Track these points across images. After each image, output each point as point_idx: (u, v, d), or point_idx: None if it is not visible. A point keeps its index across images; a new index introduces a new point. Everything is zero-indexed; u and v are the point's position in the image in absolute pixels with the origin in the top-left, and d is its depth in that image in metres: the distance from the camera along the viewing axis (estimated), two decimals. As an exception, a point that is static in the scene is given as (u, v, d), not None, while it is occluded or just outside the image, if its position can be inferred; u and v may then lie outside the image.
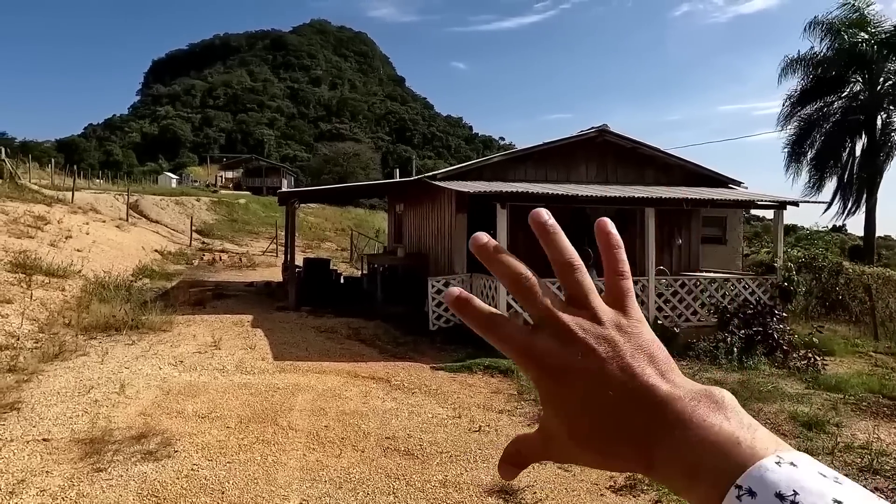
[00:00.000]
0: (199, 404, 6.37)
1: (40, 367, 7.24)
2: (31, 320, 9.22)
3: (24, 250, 12.87)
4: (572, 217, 12.84)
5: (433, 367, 8.53)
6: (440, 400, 7.05)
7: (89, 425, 5.56)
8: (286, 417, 6.12)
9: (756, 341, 10.04)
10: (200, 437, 5.44)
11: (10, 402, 5.96)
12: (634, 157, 13.15)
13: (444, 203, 12.59)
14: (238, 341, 9.52)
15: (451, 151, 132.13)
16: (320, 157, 73.83)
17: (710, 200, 11.31)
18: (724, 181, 13.61)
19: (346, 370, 8.13)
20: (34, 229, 15.59)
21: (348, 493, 4.57)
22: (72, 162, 49.51)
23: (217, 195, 46.91)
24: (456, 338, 10.29)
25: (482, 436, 5.89)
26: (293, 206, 16.30)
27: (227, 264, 23.23)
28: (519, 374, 8.00)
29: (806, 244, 21.10)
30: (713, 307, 10.86)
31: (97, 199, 27.54)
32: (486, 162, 12.63)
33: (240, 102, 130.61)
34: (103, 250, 17.68)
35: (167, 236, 28.17)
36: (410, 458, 5.28)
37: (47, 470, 4.64)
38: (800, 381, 8.56)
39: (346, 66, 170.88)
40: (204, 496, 4.39)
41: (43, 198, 21.13)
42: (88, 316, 9.82)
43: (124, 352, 8.43)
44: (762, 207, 12.21)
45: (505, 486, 4.67)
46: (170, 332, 9.88)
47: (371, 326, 11.07)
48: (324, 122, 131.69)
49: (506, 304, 9.71)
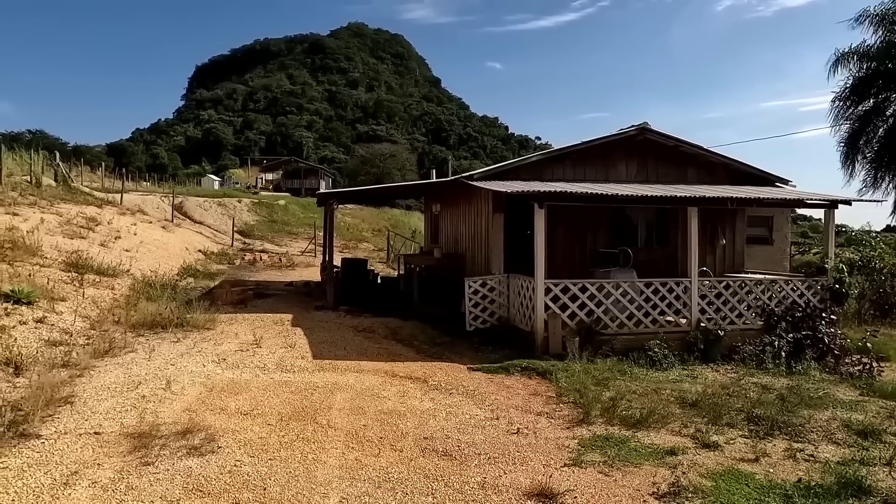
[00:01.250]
0: (242, 401, 6.50)
1: (92, 363, 7.51)
2: (84, 318, 9.58)
3: (77, 250, 13.39)
4: (612, 217, 12.68)
5: (470, 368, 8.50)
6: (478, 401, 7.02)
7: (137, 420, 5.74)
8: (325, 416, 6.19)
9: (805, 345, 9.67)
10: (243, 434, 5.55)
11: (64, 396, 6.19)
12: (676, 156, 12.83)
13: (481, 203, 12.54)
14: (278, 340, 9.69)
15: (486, 152, 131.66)
16: (357, 159, 74.74)
17: (756, 199, 10.94)
18: (770, 179, 13.15)
19: (384, 370, 8.18)
20: (86, 230, 16.22)
21: (387, 492, 4.58)
22: (120, 165, 51.43)
23: (258, 196, 47.98)
24: (493, 338, 10.24)
25: (521, 438, 5.84)
26: (331, 207, 16.51)
27: (267, 264, 23.71)
28: (557, 377, 7.90)
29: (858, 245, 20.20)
30: (759, 309, 10.51)
31: (144, 200, 28.50)
32: (523, 162, 12.52)
33: (279, 105, 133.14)
34: (150, 250, 18.27)
35: (210, 237, 28.93)
36: (448, 459, 5.27)
37: (98, 462, 4.80)
38: (853, 387, 8.20)
39: (383, 67, 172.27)
40: (246, 492, 4.47)
41: (94, 200, 21.98)
42: (136, 314, 10.14)
43: (170, 349, 8.68)
44: (812, 206, 11.74)
45: (545, 490, 4.61)
46: (213, 330, 10.13)
47: (408, 326, 11.11)
48: (361, 123, 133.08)
49: (543, 305, 9.61)
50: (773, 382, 8.14)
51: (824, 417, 6.63)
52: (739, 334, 10.05)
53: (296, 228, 37.56)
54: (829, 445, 5.85)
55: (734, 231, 13.28)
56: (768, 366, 9.01)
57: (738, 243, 13.35)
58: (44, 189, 19.89)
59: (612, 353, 9.08)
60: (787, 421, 6.35)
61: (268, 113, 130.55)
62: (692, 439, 5.89)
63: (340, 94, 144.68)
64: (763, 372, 8.83)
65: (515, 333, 10.32)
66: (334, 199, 16.77)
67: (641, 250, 12.47)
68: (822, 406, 7.06)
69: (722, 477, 5.01)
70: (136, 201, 26.92)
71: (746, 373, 8.70)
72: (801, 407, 6.89)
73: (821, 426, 6.34)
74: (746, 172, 13.05)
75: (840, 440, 5.99)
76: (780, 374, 8.71)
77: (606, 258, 12.07)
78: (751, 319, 10.49)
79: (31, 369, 6.78)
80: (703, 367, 9.12)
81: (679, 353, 9.36)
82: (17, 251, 11.61)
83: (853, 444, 5.86)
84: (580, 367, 8.28)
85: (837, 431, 6.21)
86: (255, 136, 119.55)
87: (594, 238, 12.49)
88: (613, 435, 5.96)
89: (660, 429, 6.16)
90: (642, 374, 8.45)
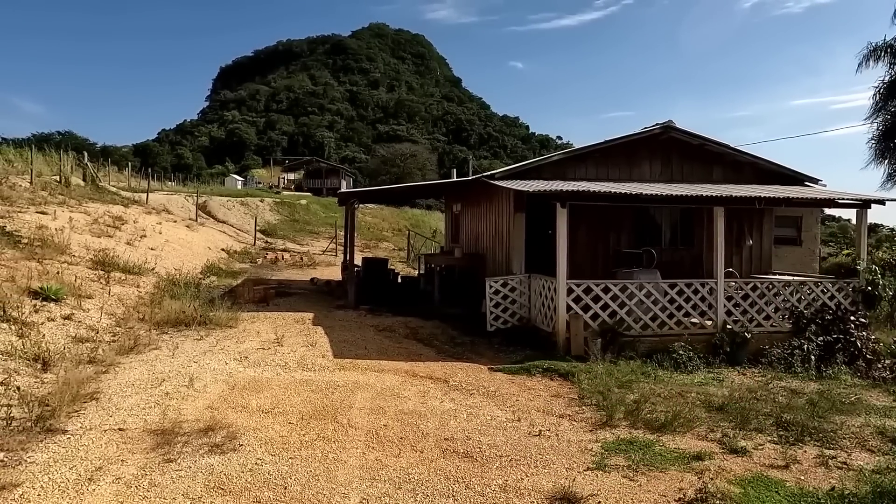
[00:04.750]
0: (263, 399, 6.52)
1: (117, 360, 7.62)
2: (109, 315, 9.74)
3: (104, 248, 13.63)
4: (635, 217, 12.49)
5: (491, 369, 8.43)
6: (499, 402, 6.95)
7: (161, 417, 5.79)
8: (346, 415, 6.17)
9: (836, 349, 9.41)
10: (264, 432, 5.56)
11: (90, 392, 6.28)
12: (701, 155, 12.60)
13: (502, 203, 12.46)
14: (300, 338, 9.73)
15: (507, 151, 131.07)
16: (378, 159, 74.97)
17: (785, 199, 10.68)
18: (799, 179, 12.84)
19: (404, 369, 8.15)
20: (112, 229, 16.51)
21: (408, 493, 4.54)
22: (146, 165, 52.37)
23: (280, 196, 48.45)
24: (514, 339, 10.15)
25: (542, 440, 5.76)
26: (352, 207, 16.56)
27: (288, 263, 23.91)
28: (580, 378, 7.79)
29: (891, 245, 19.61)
30: (787, 312, 10.26)
31: (169, 200, 28.94)
32: (544, 161, 12.40)
33: (301, 106, 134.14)
34: (174, 249, 18.53)
35: (233, 236, 29.28)
36: (469, 460, 5.21)
37: (122, 459, 4.85)
38: (886, 392, 7.95)
39: (404, 68, 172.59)
40: (267, 490, 4.46)
41: (121, 199, 22.39)
42: (161, 311, 10.27)
43: (193, 346, 8.76)
44: (843, 206, 11.41)
45: (567, 494, 4.53)
46: (235, 328, 10.21)
47: (428, 326, 11.08)
48: (381, 123, 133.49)
49: (565, 305, 9.49)
50: (802, 387, 7.93)
51: (857, 424, 6.43)
52: (767, 337, 9.82)
53: (317, 228, 37.84)
54: (863, 453, 5.65)
55: (761, 231, 13.00)
56: (797, 369, 8.79)
57: (766, 244, 13.06)
58: (72, 189, 20.29)
59: (636, 355, 8.93)
60: (817, 427, 6.16)
61: (290, 113, 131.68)
62: (719, 444, 5.75)
63: (361, 95, 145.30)
64: (791, 376, 8.61)
65: (536, 334, 10.22)
66: (355, 199, 16.82)
67: (665, 251, 12.26)
68: (854, 412, 6.85)
69: (751, 483, 4.87)
70: (161, 201, 27.35)
71: (774, 376, 8.49)
72: (832, 412, 6.69)
73: (853, 433, 6.14)
74: (774, 171, 12.76)
75: (874, 447, 5.79)
76: (810, 378, 8.49)
77: (630, 258, 11.89)
78: (778, 322, 10.24)
79: (58, 365, 6.89)
80: (729, 370, 8.92)
81: (704, 356, 9.17)
82: (47, 249, 11.85)
83: (888, 452, 5.66)
84: (603, 369, 8.16)
85: (871, 438, 6.01)
86: (278, 137, 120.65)
87: (617, 238, 12.32)
88: (638, 438, 5.84)
89: (685, 433, 6.03)
90: (666, 376, 8.29)
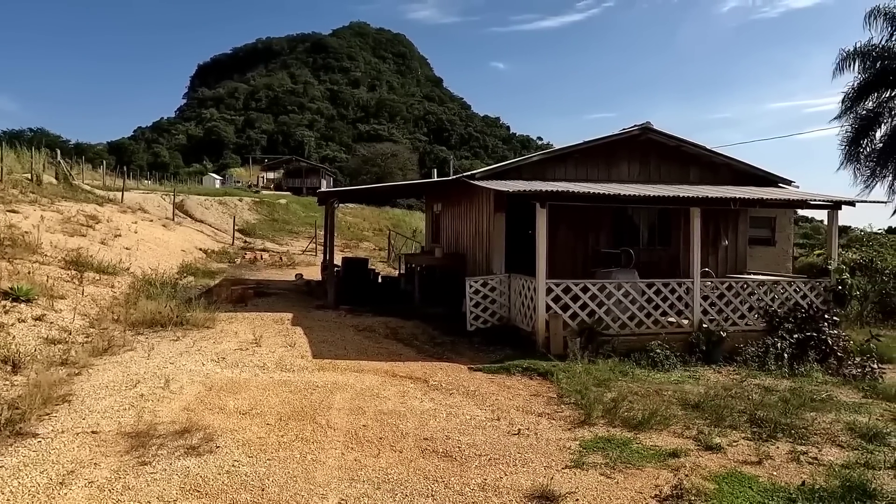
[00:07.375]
0: (241, 401, 6.45)
1: (90, 361, 7.47)
2: (83, 315, 9.54)
3: (77, 248, 13.35)
4: (614, 217, 12.62)
5: (471, 368, 8.45)
6: (478, 401, 6.97)
7: (135, 419, 5.69)
8: (325, 416, 6.14)
9: (808, 347, 9.62)
10: (241, 434, 5.50)
11: (62, 394, 6.15)
12: (679, 156, 12.78)
13: (483, 203, 12.49)
14: (278, 339, 9.64)
15: (487, 152, 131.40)
16: (359, 158, 74.68)
17: (759, 200, 10.88)
18: (773, 180, 13.10)
19: (384, 369, 8.13)
20: (86, 228, 16.18)
21: (387, 493, 4.54)
22: (122, 163, 51.38)
23: (259, 195, 48.01)
24: (494, 338, 10.19)
25: (521, 439, 5.79)
26: (332, 206, 16.46)
27: (267, 263, 23.68)
28: (558, 378, 7.85)
29: (861, 246, 20.10)
30: (761, 311, 10.45)
31: (145, 199, 28.48)
32: (524, 161, 12.47)
33: (281, 104, 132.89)
34: (150, 248, 18.24)
35: (211, 235, 28.91)
36: (449, 460, 5.22)
37: (95, 462, 4.76)
38: (856, 389, 8.14)
39: (385, 67, 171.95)
40: (245, 493, 4.42)
41: (95, 198, 21.96)
42: (136, 312, 10.10)
43: (169, 347, 8.63)
44: (816, 207, 11.67)
45: (546, 492, 4.56)
46: (213, 328, 10.08)
47: (409, 326, 11.06)
48: (362, 123, 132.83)
49: (544, 305, 9.56)
50: (775, 384, 8.08)
51: (828, 420, 6.57)
52: (742, 335, 10.00)
53: (297, 227, 37.54)
54: (833, 448, 5.79)
55: (736, 232, 13.23)
56: (771, 367, 8.96)
57: (741, 244, 13.30)
58: (44, 187, 19.86)
59: (614, 354, 9.02)
60: (790, 423, 6.29)
61: (269, 112, 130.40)
62: (694, 441, 5.84)
63: (342, 94, 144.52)
64: (765, 373, 8.77)
65: (516, 333, 10.27)
66: (335, 199, 16.73)
67: (643, 251, 12.42)
68: (825, 408, 7.01)
69: (725, 479, 4.96)
70: (137, 199, 26.90)
71: (749, 374, 8.64)
72: (804, 409, 6.83)
73: (824, 429, 6.28)
74: (749, 173, 13.00)
75: (844, 443, 5.92)
76: (783, 375, 8.66)
77: (608, 258, 12.01)
78: (753, 321, 10.43)
79: (28, 367, 6.74)
80: (705, 368, 9.06)
81: (681, 354, 9.30)
82: (17, 249, 11.57)
83: (857, 448, 5.80)
84: (581, 368, 8.23)
85: (841, 434, 6.15)
86: (257, 135, 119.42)
87: (596, 238, 12.44)
88: (615, 436, 5.91)
89: (662, 430, 6.11)
90: (644, 375, 8.39)
